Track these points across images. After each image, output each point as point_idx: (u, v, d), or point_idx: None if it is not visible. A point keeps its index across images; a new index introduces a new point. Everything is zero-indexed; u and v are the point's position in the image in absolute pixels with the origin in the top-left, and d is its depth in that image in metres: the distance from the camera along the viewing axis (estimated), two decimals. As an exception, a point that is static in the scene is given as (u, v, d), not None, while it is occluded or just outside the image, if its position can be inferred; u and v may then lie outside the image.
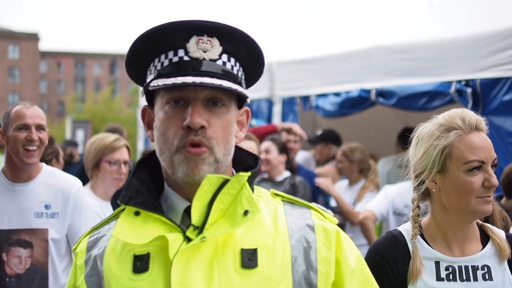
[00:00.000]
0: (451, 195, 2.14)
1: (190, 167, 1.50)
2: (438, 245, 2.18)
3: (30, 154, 3.31)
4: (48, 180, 3.42)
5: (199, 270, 1.45)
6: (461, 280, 2.12)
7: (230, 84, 1.51)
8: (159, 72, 1.53)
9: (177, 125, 1.51)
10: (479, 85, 5.25)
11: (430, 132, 2.18)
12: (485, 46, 5.28)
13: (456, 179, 2.11)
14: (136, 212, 1.55)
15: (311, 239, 1.57)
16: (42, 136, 3.35)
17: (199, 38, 1.52)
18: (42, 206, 3.35)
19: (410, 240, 2.18)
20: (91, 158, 3.96)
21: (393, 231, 2.26)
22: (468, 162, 2.09)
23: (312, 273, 1.54)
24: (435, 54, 5.73)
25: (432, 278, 2.13)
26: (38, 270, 3.32)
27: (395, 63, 6.12)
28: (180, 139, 1.50)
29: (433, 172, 2.15)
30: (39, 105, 3.51)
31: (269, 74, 7.52)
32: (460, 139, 2.11)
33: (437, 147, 2.13)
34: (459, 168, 2.10)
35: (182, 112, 1.51)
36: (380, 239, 2.26)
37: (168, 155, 1.52)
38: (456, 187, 2.12)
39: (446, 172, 2.13)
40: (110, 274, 1.53)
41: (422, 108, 5.87)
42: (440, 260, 2.15)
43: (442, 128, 2.15)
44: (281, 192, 1.71)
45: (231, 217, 1.50)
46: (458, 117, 2.14)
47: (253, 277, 1.47)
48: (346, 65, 6.67)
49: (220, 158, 1.53)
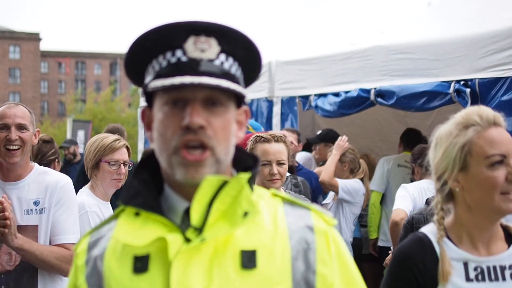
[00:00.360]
0: (475, 193, 2.10)
1: (189, 172, 1.50)
2: (464, 246, 2.14)
3: (11, 153, 3.32)
4: (39, 178, 3.43)
5: (199, 271, 1.46)
6: (490, 280, 2.09)
7: (229, 84, 1.51)
8: (158, 73, 1.54)
9: (175, 126, 1.51)
10: (477, 85, 5.26)
11: (448, 131, 2.15)
12: (484, 46, 5.29)
13: (478, 175, 2.07)
14: (136, 213, 1.56)
15: (311, 240, 1.57)
16: (24, 136, 3.36)
17: (196, 38, 1.52)
18: (32, 203, 3.36)
19: (436, 242, 2.14)
20: (91, 158, 3.98)
21: (418, 233, 2.21)
22: (489, 156, 2.06)
23: (311, 274, 1.54)
24: (434, 54, 5.75)
25: (461, 279, 2.09)
26: (27, 267, 3.32)
27: (394, 63, 6.14)
28: (177, 139, 1.50)
29: (455, 171, 2.11)
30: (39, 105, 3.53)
31: (268, 74, 7.52)
32: (479, 135, 2.08)
33: (457, 145, 2.10)
34: (480, 163, 2.07)
35: (180, 113, 1.51)
36: (406, 242, 2.20)
37: (166, 156, 1.52)
38: (479, 184, 2.08)
39: (468, 170, 2.09)
40: (110, 274, 1.54)
41: (421, 108, 5.88)
42: (468, 261, 2.11)
43: (460, 126, 2.12)
44: (284, 191, 1.71)
45: (231, 218, 1.50)
46: (475, 114, 2.11)
47: (253, 278, 1.48)
48: (346, 65, 6.68)
49: (222, 158, 1.53)
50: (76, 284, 1.62)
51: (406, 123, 7.73)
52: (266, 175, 3.67)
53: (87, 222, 3.72)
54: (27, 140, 3.37)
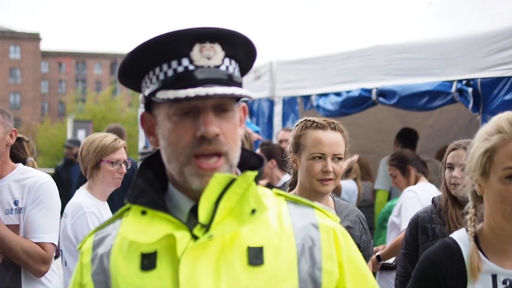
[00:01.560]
0: (490, 201, 2.01)
1: (204, 180, 1.51)
2: (493, 256, 2.04)
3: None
4: (20, 177, 3.45)
5: (206, 268, 1.47)
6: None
7: (241, 91, 1.52)
8: (163, 82, 1.52)
9: (187, 135, 1.51)
10: (480, 84, 5.26)
11: (481, 132, 2.06)
12: (486, 45, 5.29)
13: (493, 184, 1.97)
14: (143, 211, 1.56)
15: (316, 237, 1.59)
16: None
17: (202, 45, 1.52)
18: (12, 203, 3.38)
19: (465, 249, 2.05)
20: (91, 158, 3.95)
21: (448, 239, 2.13)
22: (506, 168, 1.94)
23: (317, 271, 1.56)
24: (436, 53, 5.74)
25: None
26: (9, 267, 3.32)
27: (396, 63, 6.13)
28: (192, 148, 1.50)
29: (476, 175, 2.02)
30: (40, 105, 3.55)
31: (269, 74, 7.52)
32: (503, 143, 1.95)
33: (481, 149, 2.00)
34: (497, 172, 1.96)
35: (192, 122, 1.51)
36: (434, 249, 2.12)
37: (178, 165, 1.53)
38: (492, 193, 1.98)
39: (488, 177, 1.99)
40: (117, 272, 1.55)
41: (423, 108, 5.88)
42: (497, 273, 2.01)
43: (490, 130, 2.01)
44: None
45: (238, 216, 1.51)
46: (505, 119, 1.99)
47: (260, 275, 1.49)
48: (347, 65, 6.68)
49: (234, 162, 1.56)
50: (82, 283, 1.62)
51: (407, 123, 7.73)
52: (317, 172, 2.86)
53: (85, 223, 3.70)
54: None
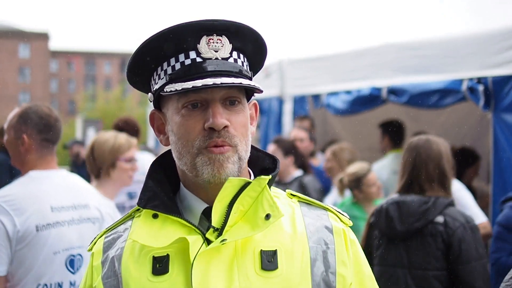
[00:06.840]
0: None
1: (215, 167, 1.50)
2: None
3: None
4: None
5: (219, 272, 1.46)
6: None
7: (248, 81, 1.52)
8: (171, 76, 1.53)
9: (197, 128, 1.51)
10: (491, 82, 5.21)
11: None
12: (496, 43, 5.24)
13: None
14: (154, 214, 1.55)
15: (330, 240, 1.57)
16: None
17: (209, 38, 1.52)
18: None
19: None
20: (107, 158, 3.95)
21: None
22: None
23: (331, 275, 1.54)
24: (446, 51, 5.70)
25: None
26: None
27: (406, 61, 6.10)
28: (203, 141, 1.50)
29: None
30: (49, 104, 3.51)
31: (279, 72, 7.50)
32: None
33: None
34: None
35: (201, 114, 1.51)
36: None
37: (189, 158, 1.52)
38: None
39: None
40: (128, 275, 1.54)
41: (434, 106, 5.84)
42: None
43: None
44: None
45: (252, 220, 1.50)
46: None
47: (273, 279, 1.48)
48: (357, 63, 6.65)
49: (243, 155, 1.55)
50: (92, 285, 1.61)
51: (418, 121, 7.69)
52: None
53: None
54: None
